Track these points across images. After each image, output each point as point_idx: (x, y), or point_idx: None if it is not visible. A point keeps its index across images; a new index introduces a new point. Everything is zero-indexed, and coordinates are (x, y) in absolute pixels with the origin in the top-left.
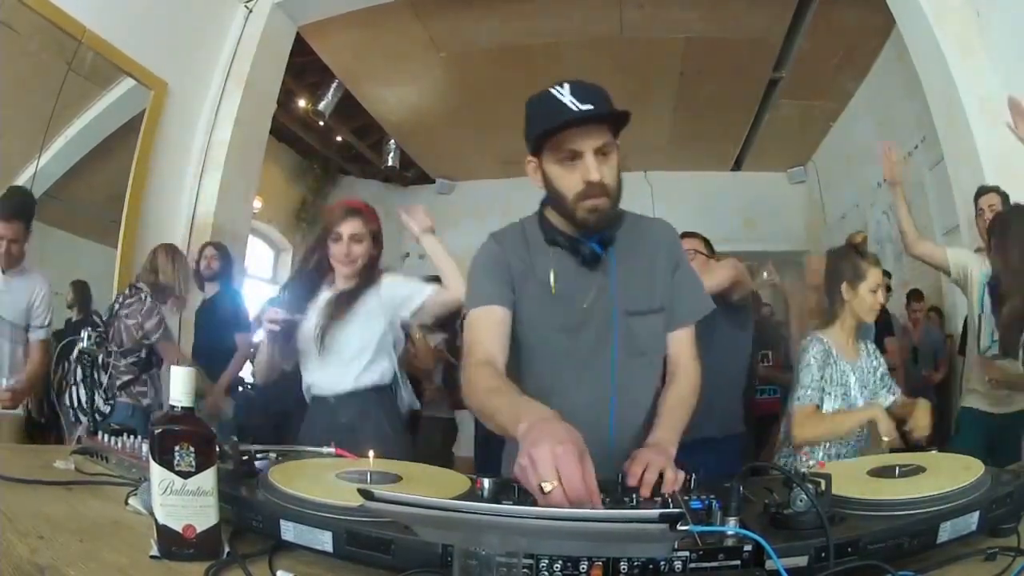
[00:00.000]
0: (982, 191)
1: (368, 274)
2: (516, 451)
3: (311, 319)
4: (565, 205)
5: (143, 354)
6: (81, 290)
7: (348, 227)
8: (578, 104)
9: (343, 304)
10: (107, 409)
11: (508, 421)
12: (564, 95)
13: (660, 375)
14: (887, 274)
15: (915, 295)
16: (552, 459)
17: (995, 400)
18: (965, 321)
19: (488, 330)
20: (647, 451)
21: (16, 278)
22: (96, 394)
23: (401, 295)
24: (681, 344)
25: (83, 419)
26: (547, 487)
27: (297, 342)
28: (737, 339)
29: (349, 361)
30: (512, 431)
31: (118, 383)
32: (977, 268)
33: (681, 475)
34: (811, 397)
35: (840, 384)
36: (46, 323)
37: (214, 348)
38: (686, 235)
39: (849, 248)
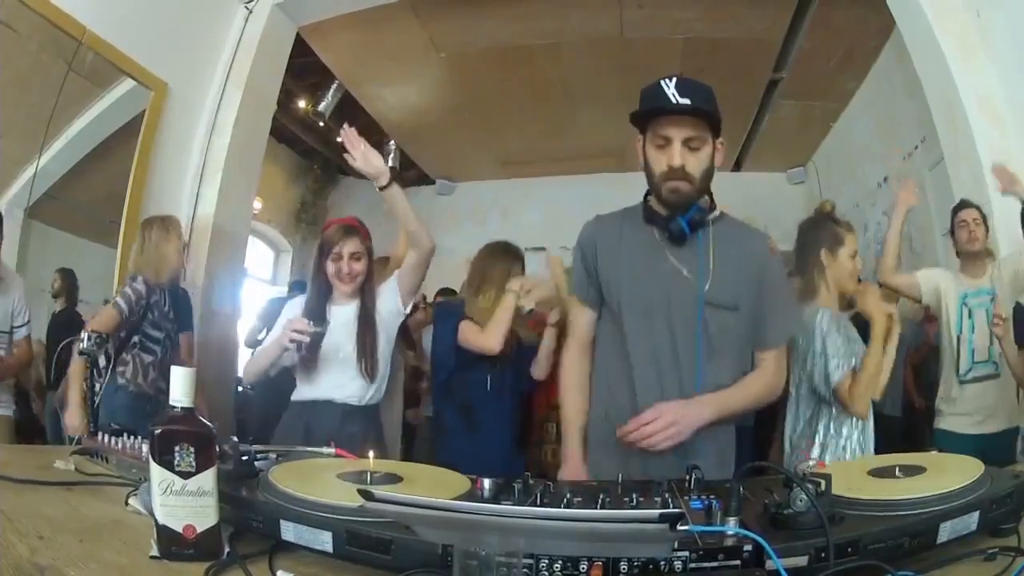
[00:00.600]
0: (962, 205)
1: (370, 290)
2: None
3: (331, 330)
4: (652, 182)
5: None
6: (67, 278)
7: (348, 246)
8: (678, 97)
9: (370, 323)
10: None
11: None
12: (669, 87)
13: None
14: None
15: None
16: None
17: (973, 422)
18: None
19: (581, 321)
20: (673, 403)
21: None
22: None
23: (391, 307)
24: (770, 360)
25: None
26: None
27: (316, 358)
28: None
29: (378, 377)
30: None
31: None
32: (952, 287)
33: (687, 432)
34: (846, 364)
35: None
36: (26, 320)
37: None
38: None
39: (823, 216)
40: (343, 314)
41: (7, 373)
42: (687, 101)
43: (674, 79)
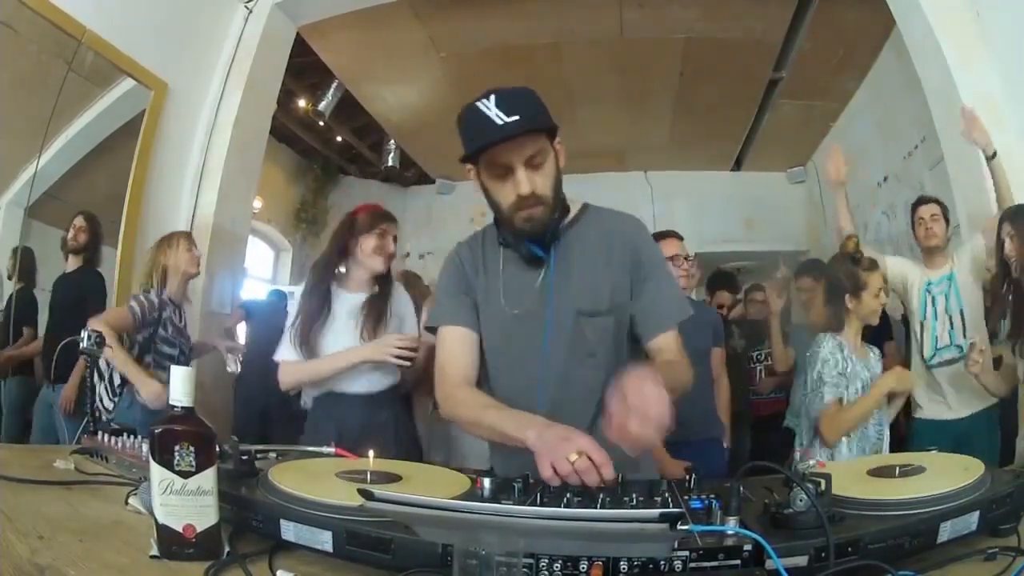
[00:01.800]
0: (921, 201)
1: (389, 279)
2: (504, 451)
3: (343, 318)
4: (501, 214)
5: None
6: (24, 257)
7: (392, 229)
8: (504, 117)
9: (379, 306)
10: (111, 405)
11: (514, 430)
12: (490, 108)
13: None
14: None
15: None
16: (571, 442)
17: (948, 406)
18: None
19: (457, 351)
20: (634, 373)
21: None
22: (97, 393)
23: (402, 313)
24: (669, 349)
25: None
26: (573, 456)
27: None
28: (707, 348)
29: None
30: (520, 437)
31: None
32: (917, 277)
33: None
34: (834, 392)
35: (856, 379)
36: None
37: (67, 329)
38: (663, 235)
39: (844, 257)
40: (354, 300)
41: None
42: (516, 118)
43: (492, 97)
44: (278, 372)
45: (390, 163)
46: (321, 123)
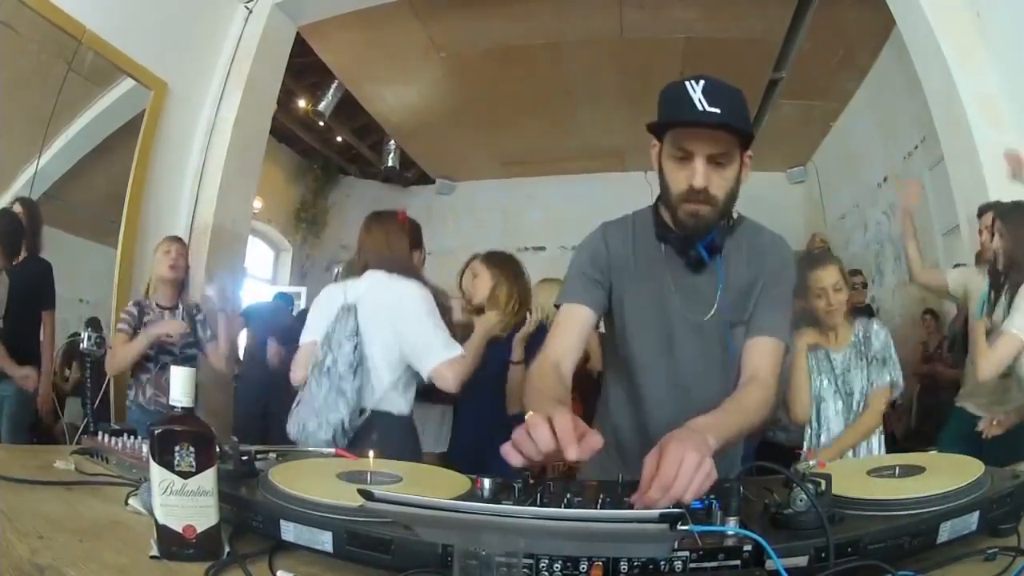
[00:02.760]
0: (983, 210)
1: None
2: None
3: None
4: (669, 200)
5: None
6: None
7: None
8: (705, 104)
9: None
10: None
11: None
12: (695, 91)
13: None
14: (856, 272)
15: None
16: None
17: (987, 406)
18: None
19: (567, 329)
20: (667, 442)
21: None
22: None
23: None
24: (764, 355)
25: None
26: (530, 418)
27: None
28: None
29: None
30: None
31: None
32: (976, 284)
33: (712, 473)
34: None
35: (827, 369)
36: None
37: (20, 322)
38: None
39: (802, 259)
40: None
41: None
42: (716, 110)
43: (701, 82)
44: (296, 358)
45: (390, 163)
46: (321, 123)
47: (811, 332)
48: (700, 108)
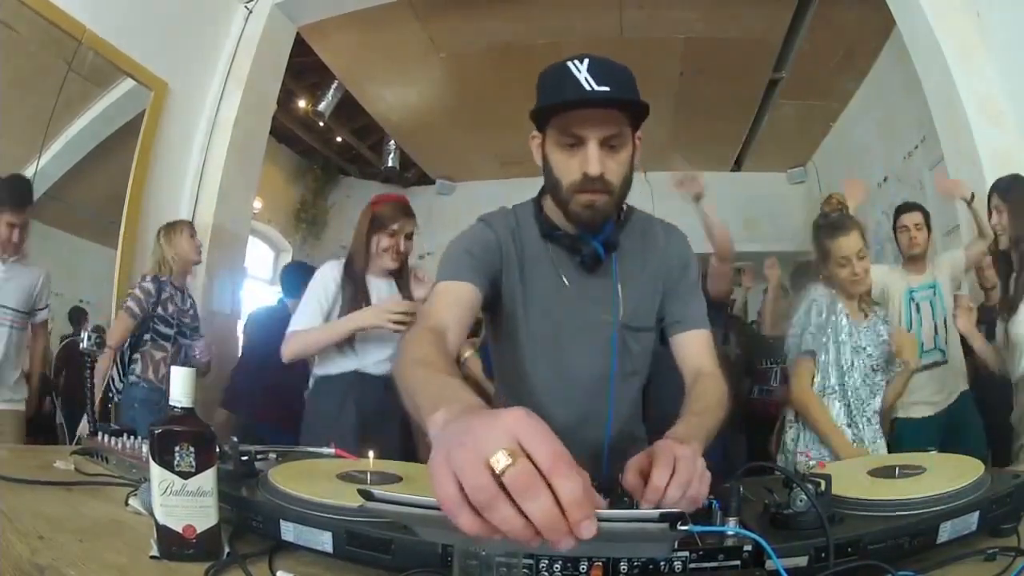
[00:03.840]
0: (904, 208)
1: (406, 270)
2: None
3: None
4: (559, 193)
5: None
6: None
7: (408, 226)
8: (593, 83)
9: (410, 294)
10: (121, 385)
11: (426, 404)
12: (580, 71)
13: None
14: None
15: None
16: (510, 425)
17: (930, 406)
18: None
19: (448, 303)
20: (672, 445)
21: (17, 267)
22: (108, 376)
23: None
24: (701, 346)
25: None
26: (501, 460)
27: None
28: None
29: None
30: (425, 419)
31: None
32: (898, 283)
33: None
34: (809, 343)
35: (834, 340)
36: (47, 303)
37: None
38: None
39: (815, 228)
40: (382, 287)
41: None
42: (606, 89)
43: (586, 61)
44: (285, 344)
45: (390, 163)
46: (321, 123)
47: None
48: (588, 88)
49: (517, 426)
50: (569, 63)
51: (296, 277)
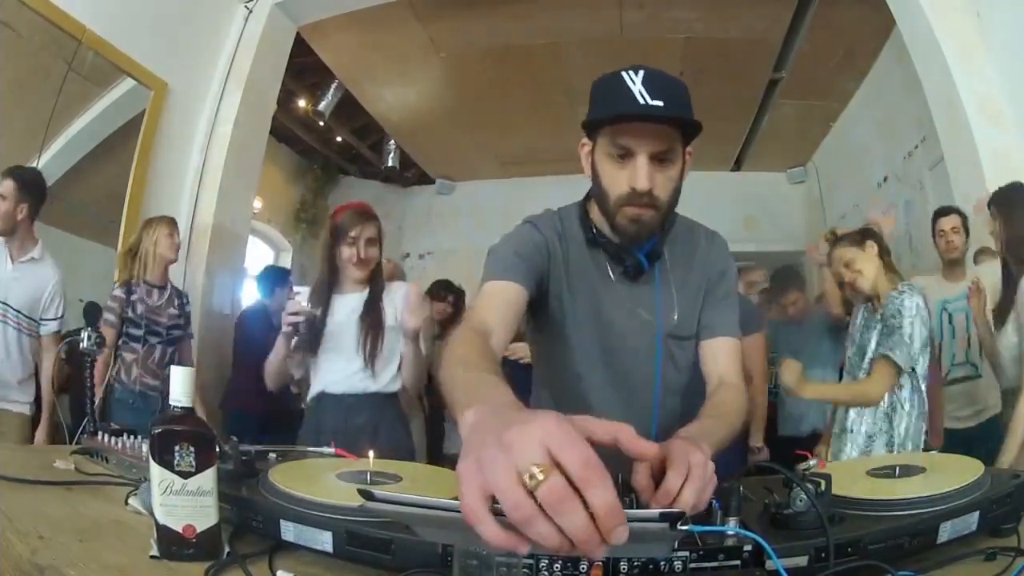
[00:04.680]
0: (941, 212)
1: (379, 278)
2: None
3: (337, 320)
4: (606, 204)
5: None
6: None
7: (366, 231)
8: (647, 97)
9: (377, 310)
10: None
11: (459, 401)
12: (635, 83)
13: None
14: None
15: None
16: (540, 436)
17: (960, 418)
18: None
19: (495, 304)
20: (687, 448)
21: (29, 268)
22: (97, 393)
23: (396, 310)
24: (727, 355)
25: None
26: (535, 475)
27: (318, 340)
28: None
29: (381, 365)
30: (457, 416)
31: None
32: (933, 294)
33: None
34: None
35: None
36: (59, 315)
37: None
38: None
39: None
40: (348, 302)
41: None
42: (659, 103)
43: (640, 72)
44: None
45: (390, 163)
46: (321, 123)
47: None
48: (642, 101)
49: (548, 436)
50: (624, 73)
51: (271, 280)
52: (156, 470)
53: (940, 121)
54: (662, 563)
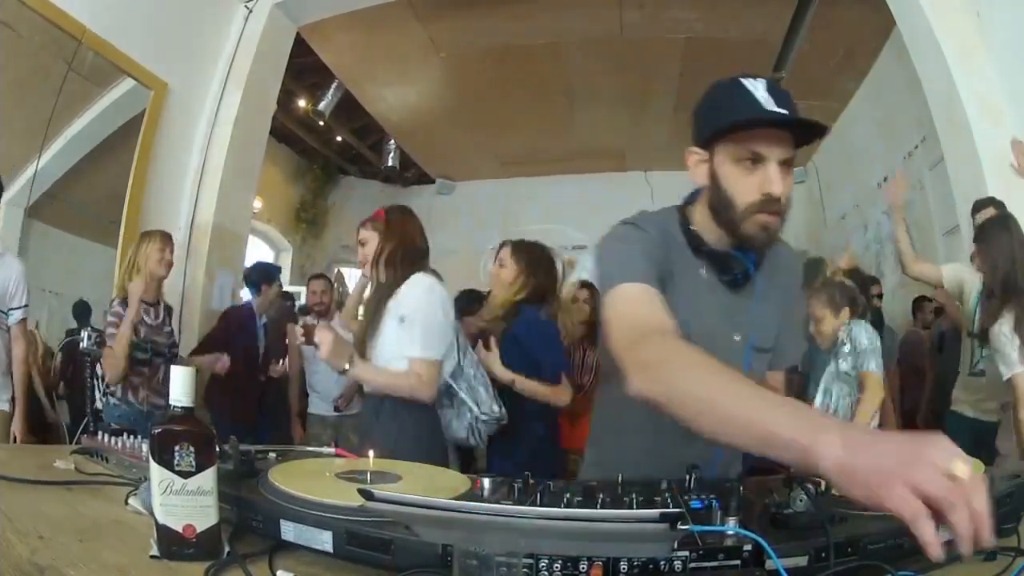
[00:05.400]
0: (980, 205)
1: (389, 272)
2: (600, 459)
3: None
4: (732, 213)
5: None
6: None
7: (358, 236)
8: (773, 104)
9: (373, 305)
10: (100, 405)
11: (791, 428)
12: (758, 90)
13: None
14: (874, 280)
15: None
16: (946, 446)
17: (981, 410)
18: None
19: (660, 307)
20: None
21: None
22: (96, 393)
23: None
24: (777, 390)
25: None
26: (960, 469)
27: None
28: None
29: (386, 364)
30: (804, 442)
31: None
32: (971, 281)
33: None
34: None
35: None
36: (23, 304)
37: None
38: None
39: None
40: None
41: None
42: (784, 111)
43: (762, 80)
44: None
45: (390, 163)
46: (321, 123)
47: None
48: (769, 107)
49: (950, 447)
50: (744, 80)
51: (258, 276)
52: (156, 470)
53: (940, 121)
54: (662, 563)
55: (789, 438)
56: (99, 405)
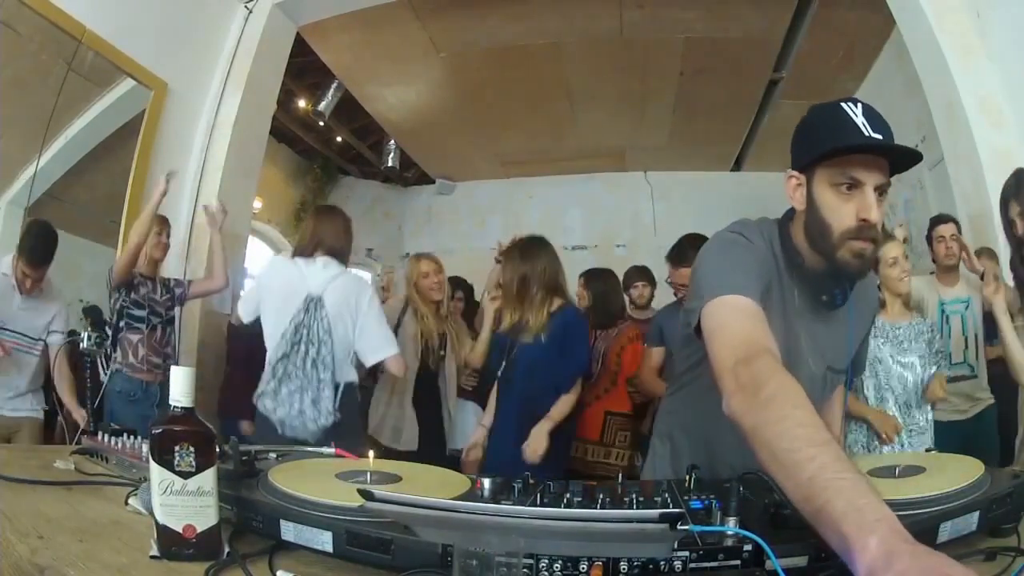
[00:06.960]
0: (939, 220)
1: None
2: (674, 453)
3: None
4: (827, 239)
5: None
6: None
7: None
8: (870, 130)
9: None
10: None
11: (845, 520)
12: (857, 115)
13: None
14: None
15: None
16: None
17: (960, 411)
18: None
19: (761, 325)
20: None
21: (35, 301)
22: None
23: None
24: (838, 408)
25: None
26: None
27: None
28: None
29: None
30: (854, 538)
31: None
32: (932, 295)
33: None
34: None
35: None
36: (65, 329)
37: None
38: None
39: None
40: None
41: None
42: (879, 137)
43: (860, 105)
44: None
45: (390, 163)
46: (321, 123)
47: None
48: (866, 133)
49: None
50: (843, 105)
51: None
52: (156, 470)
53: (940, 121)
54: (662, 563)
55: (838, 526)
56: (103, 378)
